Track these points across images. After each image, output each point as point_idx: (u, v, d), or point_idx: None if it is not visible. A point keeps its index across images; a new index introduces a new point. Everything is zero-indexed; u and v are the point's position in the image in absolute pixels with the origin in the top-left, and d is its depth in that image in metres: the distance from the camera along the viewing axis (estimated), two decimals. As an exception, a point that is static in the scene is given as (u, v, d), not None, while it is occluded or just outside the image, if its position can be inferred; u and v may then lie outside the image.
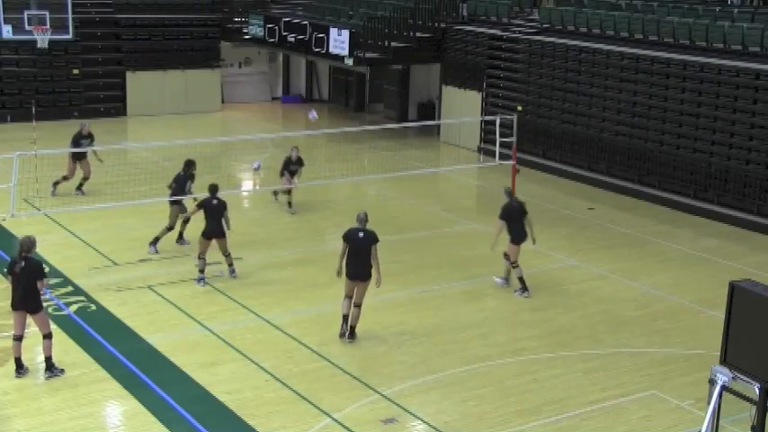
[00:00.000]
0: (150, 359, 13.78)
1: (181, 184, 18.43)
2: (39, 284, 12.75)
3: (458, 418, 12.30)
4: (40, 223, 19.41)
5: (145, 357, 13.83)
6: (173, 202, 18.37)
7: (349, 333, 14.40)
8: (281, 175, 21.35)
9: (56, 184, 21.62)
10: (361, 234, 14.29)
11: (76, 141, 21.34)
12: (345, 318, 14.41)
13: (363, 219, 14.38)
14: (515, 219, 16.70)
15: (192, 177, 18.63)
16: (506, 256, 16.87)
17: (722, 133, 22.20)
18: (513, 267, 16.74)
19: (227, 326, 14.95)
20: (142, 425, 11.93)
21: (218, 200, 16.62)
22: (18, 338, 12.96)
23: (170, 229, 18.46)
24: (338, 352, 14.13)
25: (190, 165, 18.69)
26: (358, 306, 14.30)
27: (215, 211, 16.57)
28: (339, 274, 14.29)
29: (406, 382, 13.25)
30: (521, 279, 16.64)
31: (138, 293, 16.28)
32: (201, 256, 16.66)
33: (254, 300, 16.12)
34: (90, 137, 21.67)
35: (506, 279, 17.11)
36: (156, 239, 18.34)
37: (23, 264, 12.74)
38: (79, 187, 21.88)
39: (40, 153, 19.70)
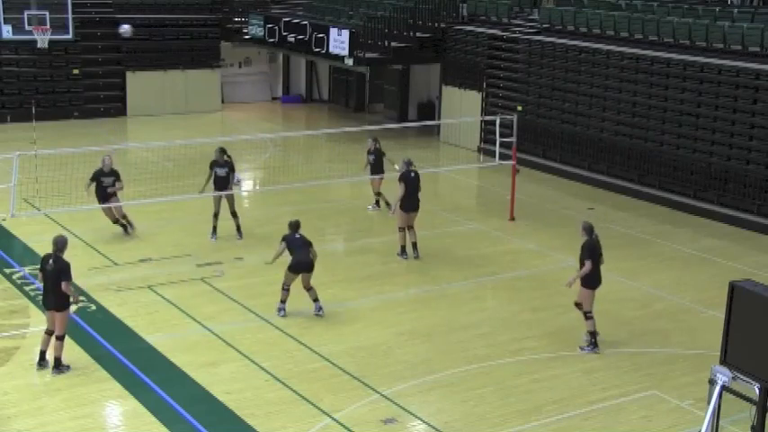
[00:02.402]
0: (150, 359, 13.79)
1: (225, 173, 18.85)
2: (63, 285, 12.87)
3: (458, 418, 12.30)
4: (40, 223, 19.42)
5: (145, 357, 13.84)
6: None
7: (414, 250, 18.31)
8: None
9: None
10: (413, 174, 18.28)
11: (97, 178, 18.77)
12: (404, 247, 18.34)
13: (410, 162, 18.49)
14: (596, 260, 14.35)
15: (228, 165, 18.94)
16: (578, 305, 14.56)
17: (722, 133, 22.20)
18: (587, 319, 14.46)
19: (227, 326, 14.96)
20: (142, 425, 11.93)
21: (302, 235, 15.68)
22: (48, 333, 13.21)
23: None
24: (338, 352, 14.14)
25: (224, 151, 19.03)
26: (412, 228, 18.43)
27: (302, 245, 15.55)
28: (393, 212, 18.91)
29: (406, 382, 13.25)
30: (592, 333, 14.47)
31: (138, 293, 16.29)
32: (286, 288, 15.61)
33: (254, 300, 16.12)
34: (113, 174, 18.89)
35: (592, 342, 14.49)
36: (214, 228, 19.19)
37: (53, 263, 12.95)
38: (125, 229, 19.54)
39: (40, 153, 19.69)
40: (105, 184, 18.73)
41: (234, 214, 19.36)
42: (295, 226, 15.66)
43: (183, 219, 20.29)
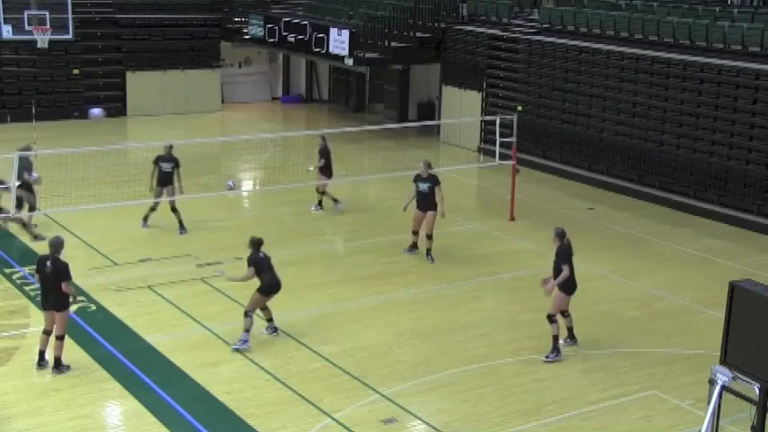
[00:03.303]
0: (150, 359, 13.78)
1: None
2: (63, 285, 12.89)
3: (458, 418, 12.30)
4: (40, 223, 19.40)
5: (145, 357, 13.83)
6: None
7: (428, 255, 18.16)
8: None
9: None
10: (423, 184, 18.11)
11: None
12: (416, 243, 18.39)
13: (427, 164, 18.28)
14: (571, 262, 14.13)
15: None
16: (551, 317, 14.13)
17: (722, 133, 22.20)
18: (551, 323, 14.09)
19: (227, 326, 14.95)
20: (142, 425, 11.93)
21: (264, 253, 14.51)
22: (46, 332, 13.22)
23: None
24: (338, 352, 14.14)
25: (171, 147, 19.37)
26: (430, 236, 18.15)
27: (270, 265, 14.45)
28: (405, 209, 18.50)
29: (406, 382, 13.25)
30: (555, 338, 14.12)
31: (138, 293, 16.28)
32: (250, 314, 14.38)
33: (254, 300, 16.09)
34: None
35: (555, 348, 14.16)
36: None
37: (51, 265, 12.96)
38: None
39: (40, 153, 19.69)
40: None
41: (174, 210, 19.48)
42: (257, 244, 14.30)
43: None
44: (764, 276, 16.51)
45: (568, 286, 14.07)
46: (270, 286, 14.24)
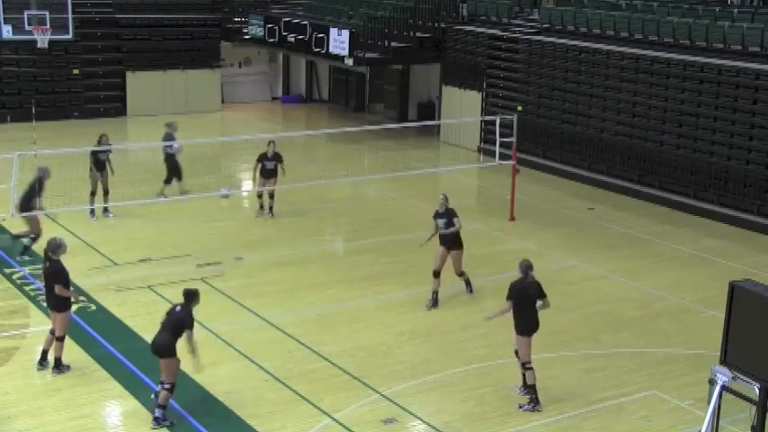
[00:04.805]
0: (150, 359, 13.72)
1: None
2: (57, 288, 12.87)
3: (458, 418, 12.30)
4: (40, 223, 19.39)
5: (145, 357, 13.77)
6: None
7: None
8: (257, 175, 20.49)
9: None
10: (442, 219, 16.03)
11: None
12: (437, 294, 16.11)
13: (445, 198, 16.12)
14: (524, 303, 12.50)
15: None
16: (516, 353, 12.79)
17: (722, 133, 22.20)
18: (526, 370, 12.62)
19: (227, 326, 14.95)
20: (142, 425, 11.93)
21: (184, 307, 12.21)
22: (52, 332, 13.22)
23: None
24: (338, 352, 14.14)
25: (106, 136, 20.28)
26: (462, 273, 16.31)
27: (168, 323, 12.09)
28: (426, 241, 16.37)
29: (406, 382, 13.25)
30: (532, 387, 12.57)
31: (138, 293, 16.28)
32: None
33: (254, 300, 16.12)
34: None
35: (533, 399, 12.58)
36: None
37: (48, 265, 13.01)
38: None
39: (40, 153, 19.69)
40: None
41: (106, 192, 20.15)
42: (185, 294, 12.30)
43: (183, 219, 20.29)
44: (764, 276, 16.51)
45: (520, 325, 12.45)
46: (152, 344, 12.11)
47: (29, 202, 17.58)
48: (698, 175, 22.60)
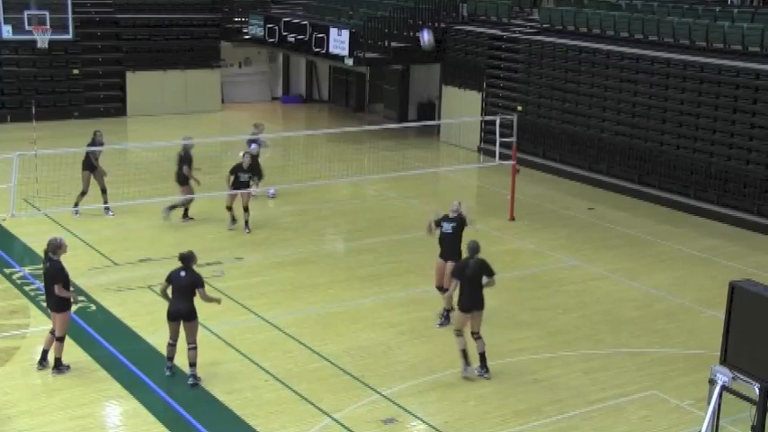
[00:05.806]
0: (150, 359, 13.78)
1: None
2: (56, 288, 12.85)
3: (458, 418, 12.30)
4: (40, 223, 19.42)
5: (145, 357, 13.83)
6: None
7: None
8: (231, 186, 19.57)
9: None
10: (448, 224, 15.17)
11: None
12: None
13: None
14: (468, 281, 13.12)
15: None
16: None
17: (722, 133, 22.20)
18: (457, 336, 13.29)
19: (227, 326, 14.95)
20: (142, 425, 11.93)
21: (190, 272, 13.10)
22: (53, 332, 13.20)
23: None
24: (338, 352, 14.13)
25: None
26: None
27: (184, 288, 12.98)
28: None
29: (406, 382, 13.25)
30: (463, 351, 13.25)
31: (138, 293, 16.28)
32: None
33: (254, 300, 16.12)
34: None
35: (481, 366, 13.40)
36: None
37: (48, 265, 12.99)
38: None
39: (40, 153, 19.68)
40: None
41: (103, 191, 20.32)
42: (182, 259, 13.09)
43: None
44: (764, 276, 16.50)
45: (459, 301, 13.25)
46: (171, 312, 12.98)
47: (180, 171, 19.48)
48: (698, 175, 22.59)
